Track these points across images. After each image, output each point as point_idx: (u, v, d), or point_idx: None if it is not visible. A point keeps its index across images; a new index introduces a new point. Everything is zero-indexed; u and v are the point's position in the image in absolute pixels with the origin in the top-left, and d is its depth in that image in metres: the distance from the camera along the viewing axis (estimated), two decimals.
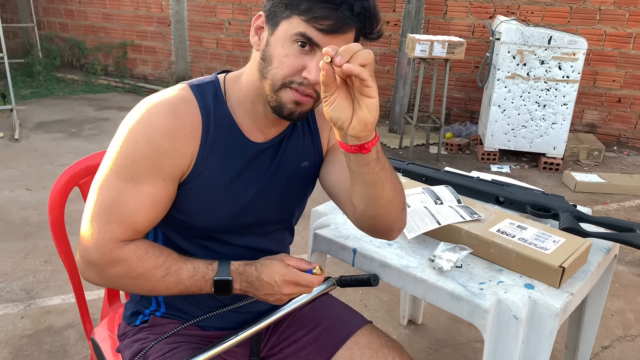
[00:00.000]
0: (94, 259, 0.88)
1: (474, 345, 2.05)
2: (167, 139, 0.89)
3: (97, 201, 0.88)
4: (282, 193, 1.05)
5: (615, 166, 4.36)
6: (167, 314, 1.08)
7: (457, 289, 1.05)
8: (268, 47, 0.89)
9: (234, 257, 1.00)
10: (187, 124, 0.91)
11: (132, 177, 0.88)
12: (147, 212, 0.89)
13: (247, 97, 0.96)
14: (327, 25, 0.83)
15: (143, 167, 0.88)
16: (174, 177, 0.92)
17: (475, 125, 4.99)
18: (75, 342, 1.98)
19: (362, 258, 1.20)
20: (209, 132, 0.94)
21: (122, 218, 0.88)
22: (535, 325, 1.02)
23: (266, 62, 0.89)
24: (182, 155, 0.91)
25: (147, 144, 0.88)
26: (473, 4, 5.01)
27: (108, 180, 0.88)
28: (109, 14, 6.81)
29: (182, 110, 0.92)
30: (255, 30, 0.92)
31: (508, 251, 1.12)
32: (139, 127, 0.88)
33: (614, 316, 2.27)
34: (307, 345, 1.11)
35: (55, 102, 5.77)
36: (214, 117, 0.94)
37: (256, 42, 0.92)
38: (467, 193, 1.42)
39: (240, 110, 0.97)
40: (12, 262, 2.52)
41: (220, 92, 0.97)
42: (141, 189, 0.88)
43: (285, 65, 0.87)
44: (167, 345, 1.02)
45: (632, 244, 1.20)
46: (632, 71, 4.66)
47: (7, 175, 3.63)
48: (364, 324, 1.13)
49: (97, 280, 0.91)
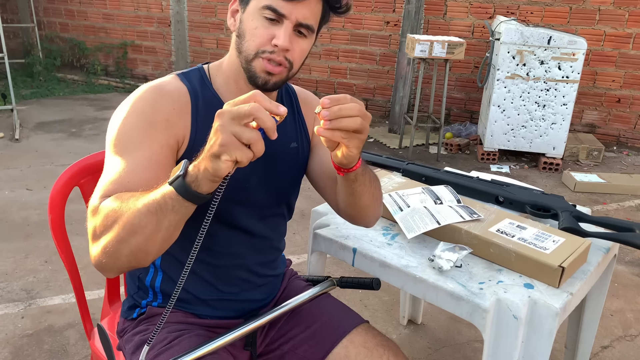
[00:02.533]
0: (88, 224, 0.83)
1: (474, 345, 2.05)
2: (156, 110, 0.93)
3: (100, 181, 0.89)
4: (275, 173, 1.07)
5: (614, 166, 4.36)
6: (163, 303, 1.09)
7: (456, 289, 1.05)
8: (241, 24, 0.95)
9: (230, 240, 1.04)
10: (175, 100, 0.96)
11: (127, 148, 0.90)
12: (143, 172, 0.88)
13: (231, 78, 1.01)
14: None
15: (135, 136, 0.90)
16: (170, 146, 0.94)
17: (475, 126, 4.99)
18: (75, 342, 1.98)
19: (362, 258, 1.20)
20: (199, 111, 0.98)
21: (115, 180, 0.87)
22: (534, 325, 1.02)
23: (241, 38, 0.95)
24: (174, 125, 0.94)
25: (137, 115, 0.92)
26: (473, 4, 5.01)
27: (107, 161, 0.91)
28: (109, 14, 6.81)
29: (170, 89, 0.97)
30: (231, 14, 0.98)
31: (508, 251, 1.12)
32: (127, 107, 0.93)
33: (614, 316, 2.28)
34: (304, 343, 1.12)
35: (56, 102, 5.77)
36: (202, 97, 0.99)
37: (232, 23, 0.98)
38: (466, 193, 1.42)
39: (227, 91, 1.02)
40: (13, 262, 2.52)
41: (205, 77, 1.03)
42: (136, 155, 0.89)
43: (256, 37, 0.93)
44: (170, 334, 1.03)
45: (631, 244, 1.20)
46: (631, 71, 4.66)
47: (8, 175, 3.63)
48: (360, 323, 1.14)
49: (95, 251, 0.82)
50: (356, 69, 5.66)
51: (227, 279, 1.08)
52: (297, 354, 1.11)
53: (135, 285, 1.13)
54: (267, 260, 1.14)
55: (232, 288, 1.09)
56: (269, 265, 1.15)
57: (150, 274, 1.10)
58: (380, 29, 5.43)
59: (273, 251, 1.16)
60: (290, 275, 1.29)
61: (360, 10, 5.45)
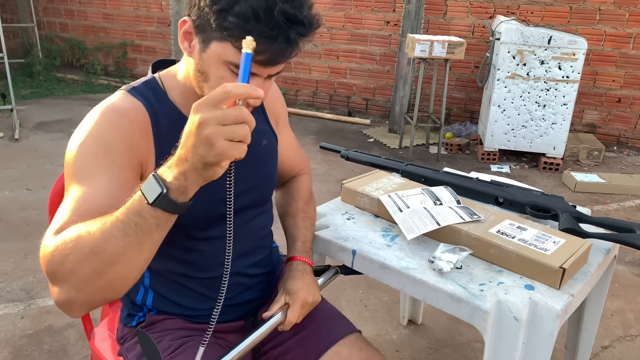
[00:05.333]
0: (45, 268, 0.74)
1: (474, 345, 2.05)
2: (114, 132, 0.87)
3: (57, 214, 0.81)
4: (252, 174, 1.05)
5: (615, 166, 4.36)
6: (160, 312, 1.09)
7: (457, 291, 1.05)
8: (202, 63, 0.85)
9: (216, 252, 1.00)
10: (133, 119, 0.90)
11: (84, 174, 0.83)
12: (102, 199, 0.80)
13: (191, 91, 0.93)
14: (263, 59, 0.80)
15: (92, 161, 0.84)
16: (132, 167, 0.88)
17: (475, 125, 4.98)
18: (75, 342, 1.98)
19: (361, 259, 1.20)
20: (160, 127, 0.92)
21: (72, 209, 0.79)
22: (535, 327, 1.02)
23: (203, 77, 0.87)
24: (136, 147, 0.88)
25: (94, 140, 0.85)
26: (473, 4, 5.01)
27: (66, 191, 0.84)
28: (109, 14, 6.80)
29: (126, 108, 0.90)
30: (183, 36, 0.87)
31: (508, 252, 1.12)
32: (83, 132, 0.87)
33: (614, 316, 2.27)
34: (291, 350, 1.10)
35: (56, 102, 5.77)
36: (161, 113, 0.93)
37: (187, 47, 0.88)
38: (466, 194, 1.42)
39: (187, 106, 0.94)
40: (12, 262, 2.52)
41: (160, 89, 0.95)
42: (94, 180, 0.82)
43: None
44: (174, 342, 1.02)
45: (632, 245, 1.20)
46: (632, 71, 4.66)
47: (7, 175, 3.63)
48: (349, 333, 1.11)
49: (61, 291, 0.74)
50: (356, 68, 5.66)
51: (219, 287, 1.06)
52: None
53: (128, 300, 1.13)
54: (256, 261, 1.13)
55: (226, 294, 1.06)
56: (259, 264, 1.13)
57: (140, 293, 1.09)
58: (380, 29, 5.42)
59: (261, 250, 1.14)
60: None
61: (360, 10, 5.45)
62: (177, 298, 1.06)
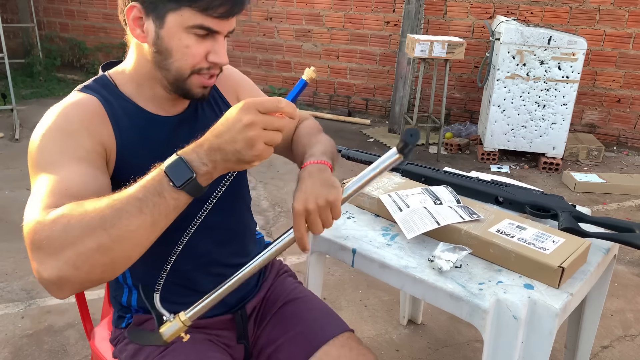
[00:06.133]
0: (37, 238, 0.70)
1: (474, 345, 2.05)
2: (73, 122, 0.87)
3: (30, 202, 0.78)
4: None
5: (614, 166, 4.36)
6: (146, 312, 1.08)
7: (456, 290, 1.05)
8: (161, 41, 0.87)
9: (196, 243, 0.98)
10: (90, 110, 0.90)
11: (51, 161, 0.82)
12: (79, 177, 0.80)
13: (143, 86, 0.95)
14: (223, 11, 0.85)
15: (56, 149, 0.83)
16: (97, 151, 0.87)
17: (475, 126, 4.99)
18: (75, 342, 1.98)
19: (361, 258, 1.20)
20: (117, 118, 0.92)
21: (51, 191, 0.77)
22: (534, 326, 1.02)
23: (164, 55, 0.88)
24: (97, 134, 0.88)
25: (55, 130, 0.85)
26: (473, 4, 5.01)
27: (34, 184, 0.81)
28: (110, 14, 6.81)
29: (81, 102, 0.91)
30: (134, 22, 0.88)
31: (507, 251, 1.12)
32: (43, 127, 0.86)
33: (614, 316, 2.28)
34: (283, 349, 1.09)
35: (56, 102, 5.76)
36: (116, 105, 0.94)
37: (140, 34, 0.89)
38: (466, 193, 1.42)
39: (141, 97, 0.96)
40: (13, 262, 2.52)
41: (111, 85, 0.96)
42: (63, 164, 0.81)
43: (190, 56, 0.87)
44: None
45: (631, 244, 1.20)
46: (631, 71, 4.66)
47: (7, 175, 3.63)
48: (338, 333, 1.09)
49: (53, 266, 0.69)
50: (356, 68, 5.66)
51: (201, 278, 1.05)
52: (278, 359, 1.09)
53: (117, 302, 1.13)
54: (236, 249, 1.11)
55: (209, 286, 1.04)
56: (239, 253, 1.12)
57: (125, 294, 1.09)
58: (380, 29, 5.42)
59: (240, 238, 1.13)
60: (278, 270, 1.25)
61: (360, 10, 5.45)
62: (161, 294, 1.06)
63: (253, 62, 6.10)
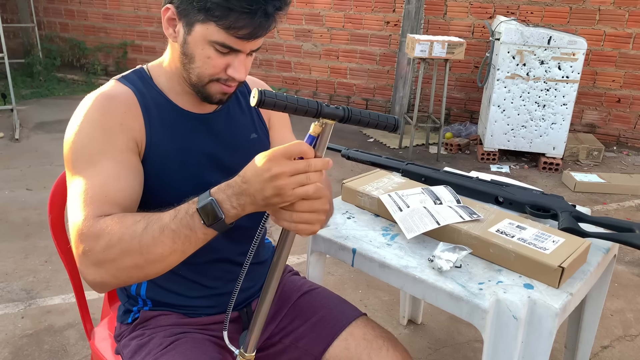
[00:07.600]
0: (82, 247, 0.81)
1: (474, 345, 2.05)
2: (108, 116, 0.92)
3: (69, 199, 0.87)
4: (237, 165, 1.04)
5: (614, 166, 4.36)
6: (154, 308, 1.10)
7: (456, 289, 1.05)
8: (187, 45, 0.92)
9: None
10: (124, 103, 0.95)
11: (88, 161, 0.88)
12: (115, 182, 0.87)
13: (174, 81, 1.01)
14: (245, 33, 0.88)
15: (94, 148, 0.89)
16: (130, 148, 0.93)
17: (475, 125, 4.99)
18: (75, 342, 1.98)
19: (361, 258, 1.20)
20: (149, 110, 0.97)
21: (92, 197, 0.85)
22: (534, 326, 1.02)
23: (188, 59, 0.93)
24: (130, 129, 0.94)
25: (91, 126, 0.90)
26: (473, 4, 5.01)
27: (72, 179, 0.89)
28: (109, 14, 6.81)
29: (117, 93, 0.96)
30: (167, 22, 0.94)
31: (507, 251, 1.12)
32: (78, 120, 0.92)
33: (614, 316, 2.28)
34: (305, 336, 1.13)
35: (56, 102, 5.77)
36: (149, 97, 0.99)
37: (171, 34, 0.95)
38: (466, 193, 1.42)
39: (172, 91, 1.01)
40: (13, 262, 2.52)
41: (147, 77, 1.02)
42: (102, 166, 0.88)
43: (210, 66, 0.92)
44: (166, 339, 1.03)
45: (631, 244, 1.20)
46: (631, 71, 4.66)
47: (7, 175, 3.63)
48: (358, 316, 1.16)
49: (96, 273, 0.82)
50: (356, 69, 5.66)
51: (210, 273, 1.08)
52: (298, 347, 1.12)
53: (124, 294, 1.14)
54: (246, 250, 1.10)
55: (216, 282, 1.09)
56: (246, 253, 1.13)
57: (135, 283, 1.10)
58: (380, 29, 5.43)
59: (251, 240, 1.14)
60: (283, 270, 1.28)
61: (360, 10, 5.45)
62: (169, 286, 1.08)
63: (253, 61, 6.10)
